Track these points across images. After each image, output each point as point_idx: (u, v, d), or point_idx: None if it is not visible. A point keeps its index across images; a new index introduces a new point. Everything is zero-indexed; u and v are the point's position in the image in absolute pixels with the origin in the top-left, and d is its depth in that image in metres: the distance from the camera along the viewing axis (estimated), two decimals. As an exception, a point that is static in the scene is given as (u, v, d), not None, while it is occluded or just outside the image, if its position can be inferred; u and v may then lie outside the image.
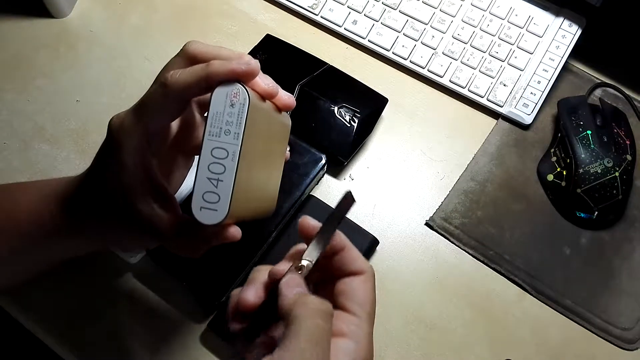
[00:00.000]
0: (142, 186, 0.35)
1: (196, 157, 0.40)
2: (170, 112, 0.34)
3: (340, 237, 0.33)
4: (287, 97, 0.36)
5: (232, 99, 0.31)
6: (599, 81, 0.58)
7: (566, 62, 0.57)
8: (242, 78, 0.32)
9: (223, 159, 0.30)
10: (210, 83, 0.32)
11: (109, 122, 0.34)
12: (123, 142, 0.34)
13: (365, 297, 0.32)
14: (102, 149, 0.36)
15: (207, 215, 0.31)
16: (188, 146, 0.39)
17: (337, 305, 0.32)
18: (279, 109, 0.37)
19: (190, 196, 0.33)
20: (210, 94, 0.31)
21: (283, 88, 0.36)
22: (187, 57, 0.34)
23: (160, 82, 0.32)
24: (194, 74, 0.32)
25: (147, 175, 0.35)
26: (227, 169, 0.31)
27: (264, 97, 0.34)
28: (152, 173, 0.35)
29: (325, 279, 0.34)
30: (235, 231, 0.34)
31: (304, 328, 0.28)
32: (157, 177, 0.35)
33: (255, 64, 0.32)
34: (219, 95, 0.31)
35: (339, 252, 0.33)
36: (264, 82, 0.34)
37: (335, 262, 0.33)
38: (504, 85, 0.56)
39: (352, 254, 0.33)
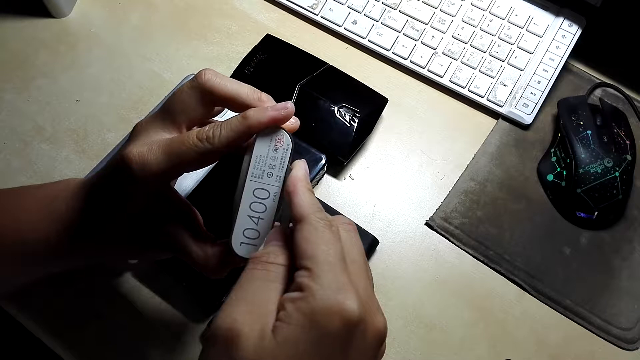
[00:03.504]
0: (178, 219, 0.37)
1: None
2: (206, 163, 0.34)
3: (291, 179, 0.31)
4: (298, 122, 0.35)
5: (277, 144, 0.32)
6: (599, 81, 0.58)
7: (566, 62, 0.57)
8: (281, 123, 0.33)
9: (264, 199, 0.32)
10: (251, 135, 0.33)
11: (127, 160, 0.33)
12: (151, 185, 0.34)
13: (309, 246, 0.28)
14: (115, 185, 0.35)
15: (246, 249, 0.32)
16: None
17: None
18: None
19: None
20: (253, 139, 0.33)
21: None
22: (201, 91, 0.34)
23: (202, 139, 0.32)
24: (235, 130, 0.32)
25: (179, 208, 0.37)
26: (268, 207, 0.32)
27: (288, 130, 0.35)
28: (183, 204, 0.38)
29: None
30: None
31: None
32: (185, 205, 0.38)
33: (291, 106, 0.33)
34: (263, 141, 0.32)
35: (290, 197, 0.31)
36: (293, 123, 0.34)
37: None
38: (504, 85, 0.56)
39: (296, 200, 0.30)
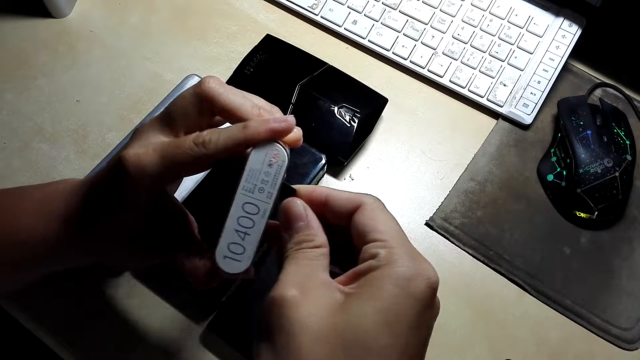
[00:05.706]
0: (173, 225, 0.37)
1: None
2: (201, 168, 0.34)
3: (317, 190, 0.32)
4: (300, 136, 0.34)
5: (271, 159, 0.31)
6: (599, 81, 0.58)
7: (566, 62, 0.57)
8: (281, 136, 0.32)
9: (253, 214, 0.31)
10: (249, 146, 0.32)
11: (124, 160, 0.33)
12: (146, 187, 0.34)
13: (377, 223, 0.29)
14: (113, 185, 0.35)
15: (229, 264, 0.31)
16: None
17: (361, 249, 0.30)
18: None
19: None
20: (247, 151, 0.32)
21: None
22: (202, 99, 0.34)
23: (198, 143, 0.32)
24: (233, 138, 0.32)
25: (174, 213, 0.37)
26: (256, 224, 0.31)
27: (290, 145, 0.34)
28: (179, 210, 0.38)
29: (345, 244, 0.31)
30: (251, 270, 0.33)
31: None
32: (180, 211, 0.38)
33: (291, 119, 0.32)
34: (258, 155, 0.31)
35: (326, 204, 0.31)
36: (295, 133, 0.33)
37: (335, 218, 0.31)
38: (504, 85, 0.56)
39: (339, 196, 0.31)
